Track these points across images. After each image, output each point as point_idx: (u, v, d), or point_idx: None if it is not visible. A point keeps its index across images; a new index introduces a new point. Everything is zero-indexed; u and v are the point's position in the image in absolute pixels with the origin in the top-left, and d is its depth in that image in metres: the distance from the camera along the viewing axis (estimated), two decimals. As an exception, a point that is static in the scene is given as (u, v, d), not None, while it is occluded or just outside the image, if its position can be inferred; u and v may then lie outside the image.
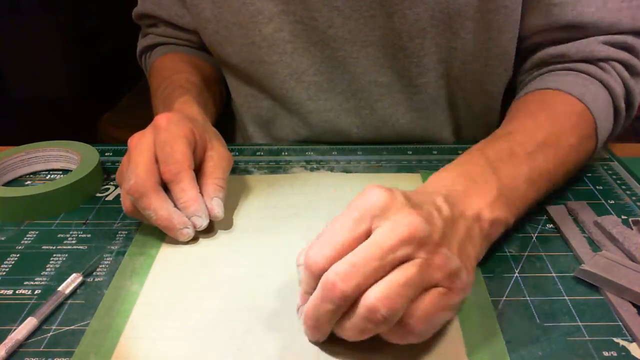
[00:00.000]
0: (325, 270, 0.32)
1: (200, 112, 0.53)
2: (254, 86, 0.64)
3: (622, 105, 0.53)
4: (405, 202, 0.33)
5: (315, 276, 0.32)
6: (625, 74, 0.53)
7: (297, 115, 0.64)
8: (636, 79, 0.54)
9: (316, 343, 0.35)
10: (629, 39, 0.53)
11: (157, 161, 0.44)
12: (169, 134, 0.44)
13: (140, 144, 0.45)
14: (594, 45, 0.52)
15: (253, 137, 0.70)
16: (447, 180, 0.40)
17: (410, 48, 0.57)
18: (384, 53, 0.58)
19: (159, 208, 0.43)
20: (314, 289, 0.33)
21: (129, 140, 0.46)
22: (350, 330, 0.32)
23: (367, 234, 0.32)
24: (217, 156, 0.48)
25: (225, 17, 0.58)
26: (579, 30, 0.53)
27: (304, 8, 0.56)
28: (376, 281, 0.31)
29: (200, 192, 0.45)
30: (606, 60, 0.53)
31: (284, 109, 0.64)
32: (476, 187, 0.40)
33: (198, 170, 0.47)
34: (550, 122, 0.48)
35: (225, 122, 0.74)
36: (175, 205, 0.44)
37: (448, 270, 0.32)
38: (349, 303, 0.31)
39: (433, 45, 0.56)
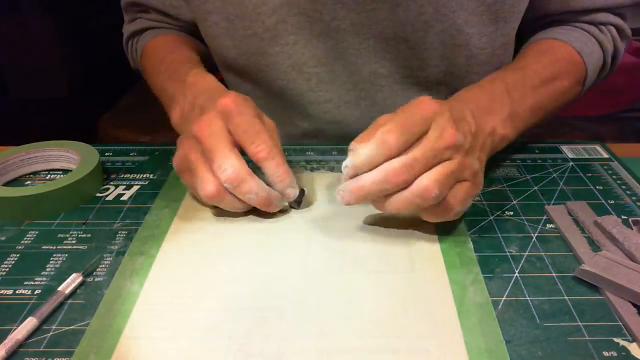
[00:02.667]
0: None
1: (218, 82, 0.53)
2: (252, 80, 0.64)
3: (609, 61, 0.63)
4: (450, 116, 0.42)
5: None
6: (617, 36, 0.63)
7: (297, 107, 0.64)
8: (625, 41, 0.64)
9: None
10: (624, 9, 0.62)
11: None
12: (245, 117, 0.45)
13: (214, 131, 0.44)
14: (597, 12, 0.61)
15: None
16: (474, 94, 0.51)
17: (412, 40, 0.57)
18: (386, 45, 0.58)
19: (259, 190, 0.45)
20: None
21: (194, 128, 0.45)
22: (401, 203, 0.41)
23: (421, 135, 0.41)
24: (270, 127, 0.48)
25: (228, 9, 0.58)
26: (592, 12, 0.61)
27: (307, 1, 0.56)
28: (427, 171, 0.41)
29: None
30: (605, 24, 0.62)
31: (284, 101, 0.64)
32: (494, 106, 0.50)
33: None
34: (553, 64, 0.57)
35: None
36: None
37: (473, 170, 0.43)
38: (405, 186, 0.41)
39: (437, 40, 0.57)
